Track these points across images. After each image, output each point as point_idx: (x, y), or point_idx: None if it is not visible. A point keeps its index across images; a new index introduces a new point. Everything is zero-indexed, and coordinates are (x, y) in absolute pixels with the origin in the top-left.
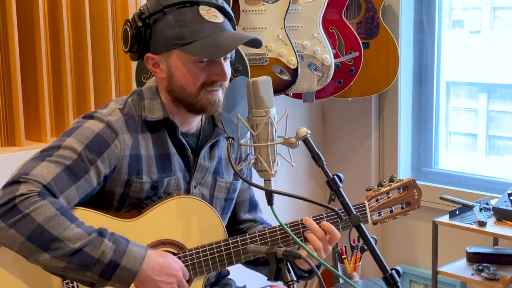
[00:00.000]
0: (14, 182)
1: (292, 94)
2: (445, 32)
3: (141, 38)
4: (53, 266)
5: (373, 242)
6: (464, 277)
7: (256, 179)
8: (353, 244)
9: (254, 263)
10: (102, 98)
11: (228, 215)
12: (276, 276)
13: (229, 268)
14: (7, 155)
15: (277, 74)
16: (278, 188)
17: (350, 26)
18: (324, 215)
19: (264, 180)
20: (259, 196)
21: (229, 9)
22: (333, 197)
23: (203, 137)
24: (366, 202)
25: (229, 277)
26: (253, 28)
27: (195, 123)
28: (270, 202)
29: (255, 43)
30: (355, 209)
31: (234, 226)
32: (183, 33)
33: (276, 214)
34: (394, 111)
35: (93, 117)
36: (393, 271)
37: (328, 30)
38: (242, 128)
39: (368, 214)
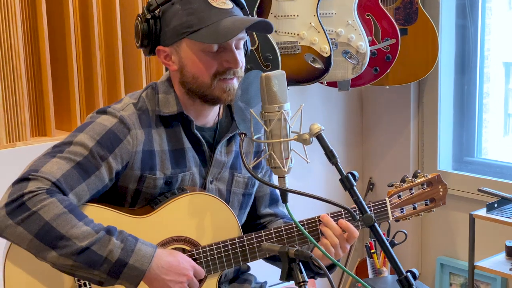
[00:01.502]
0: (23, 179)
1: (327, 82)
2: (505, 12)
3: (151, 31)
4: (61, 264)
5: (387, 243)
6: (501, 272)
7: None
8: None
9: (272, 258)
10: (132, 88)
11: (247, 210)
12: (288, 275)
13: (249, 264)
14: (38, 145)
15: (309, 62)
16: (314, 179)
17: (387, 12)
18: (343, 212)
19: (278, 177)
20: None
21: None
22: (371, 186)
23: (220, 131)
24: (387, 198)
25: (249, 272)
26: (285, 16)
27: (211, 116)
28: (284, 200)
29: (266, 27)
30: (375, 205)
31: (255, 221)
32: (190, 21)
33: (290, 212)
34: (434, 99)
35: (106, 112)
36: (409, 273)
37: (364, 16)
38: (257, 123)
39: (389, 211)
